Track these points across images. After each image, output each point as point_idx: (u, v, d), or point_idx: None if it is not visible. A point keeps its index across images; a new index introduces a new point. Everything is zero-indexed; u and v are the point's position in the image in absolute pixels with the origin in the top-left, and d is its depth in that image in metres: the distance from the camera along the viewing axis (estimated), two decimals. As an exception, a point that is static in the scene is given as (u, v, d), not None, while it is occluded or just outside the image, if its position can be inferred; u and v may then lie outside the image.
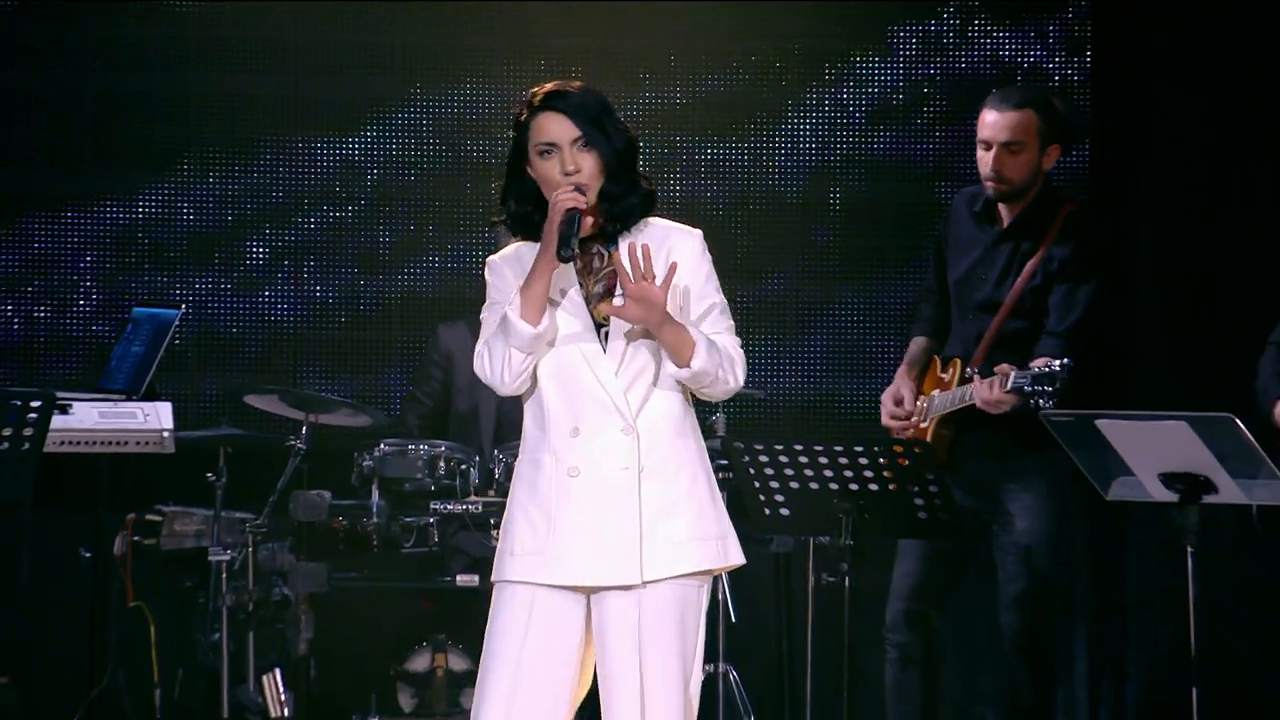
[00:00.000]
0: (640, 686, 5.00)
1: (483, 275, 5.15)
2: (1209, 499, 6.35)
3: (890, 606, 7.11)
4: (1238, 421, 6.24)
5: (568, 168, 5.00)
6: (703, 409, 7.82)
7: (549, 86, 5.08)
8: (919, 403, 7.11)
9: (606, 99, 5.08)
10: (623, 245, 5.03)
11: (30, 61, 8.75)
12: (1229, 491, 6.35)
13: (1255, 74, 8.66)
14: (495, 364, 4.99)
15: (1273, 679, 7.75)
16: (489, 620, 5.03)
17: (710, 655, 7.71)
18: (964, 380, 6.98)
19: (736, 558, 5.08)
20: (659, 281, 4.96)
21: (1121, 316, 7.20)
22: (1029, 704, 7.13)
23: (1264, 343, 6.94)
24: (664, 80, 8.91)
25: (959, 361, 7.06)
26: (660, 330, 4.97)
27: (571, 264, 5.01)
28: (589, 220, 4.99)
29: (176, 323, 7.81)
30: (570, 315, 5.03)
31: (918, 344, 7.26)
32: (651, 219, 5.11)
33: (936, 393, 7.08)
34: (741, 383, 5.13)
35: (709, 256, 5.15)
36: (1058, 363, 6.73)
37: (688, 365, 4.98)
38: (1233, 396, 6.76)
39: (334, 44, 8.81)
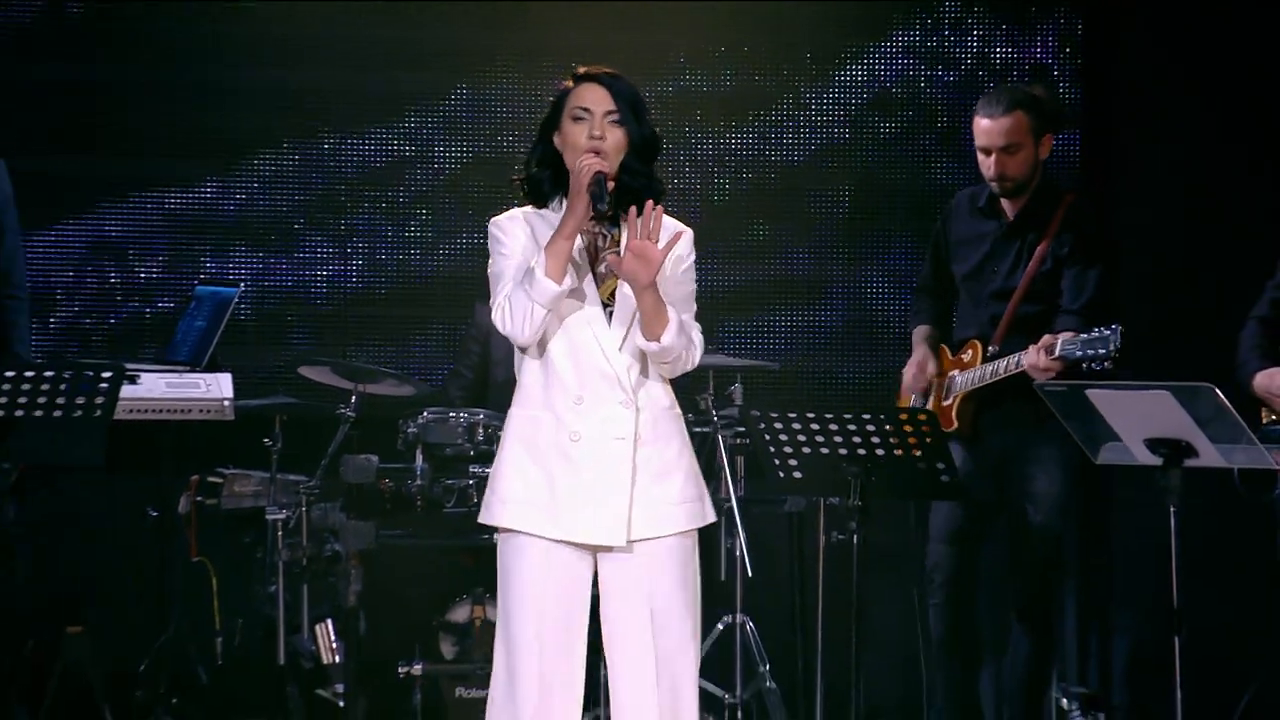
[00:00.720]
0: (651, 632, 5.02)
1: None
2: (1190, 463, 6.29)
3: (931, 549, 7.15)
4: (1217, 391, 6.20)
5: (594, 133, 5.02)
6: (723, 380, 7.89)
7: (594, 67, 5.12)
8: (939, 382, 7.13)
9: (642, 96, 5.12)
10: (626, 228, 5.02)
11: (104, 54, 8.72)
12: (1209, 456, 6.30)
13: (1238, 65, 8.65)
14: (517, 317, 4.97)
15: (1249, 629, 7.73)
16: (504, 570, 5.06)
17: (728, 607, 7.75)
18: (986, 359, 6.99)
19: (711, 516, 5.14)
20: (660, 246, 4.98)
21: (1110, 292, 7.19)
22: (1026, 654, 7.14)
23: (1245, 317, 6.91)
24: (685, 73, 8.88)
25: (979, 344, 7.05)
26: (644, 294, 4.97)
27: (583, 249, 5.02)
28: (610, 182, 5.00)
29: (236, 300, 7.86)
30: (581, 295, 5.03)
31: (923, 330, 7.26)
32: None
33: (956, 372, 7.09)
34: (697, 362, 5.15)
35: (694, 253, 5.17)
36: (1108, 329, 6.73)
37: (657, 340, 5.00)
38: (1215, 367, 6.72)
39: (383, 40, 8.77)
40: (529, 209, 5.12)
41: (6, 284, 7.27)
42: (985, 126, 7.01)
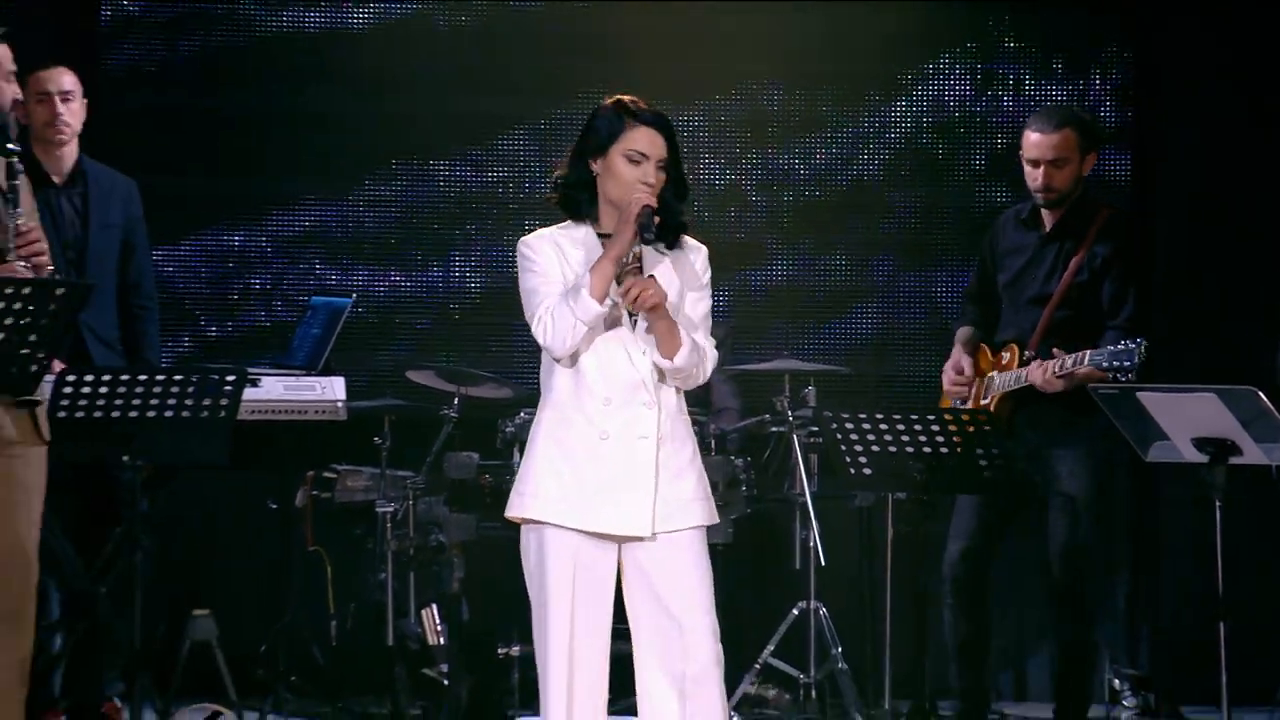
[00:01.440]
0: (676, 616, 5.00)
1: None
2: (1235, 460, 6.26)
3: (948, 549, 7.03)
4: (1260, 394, 6.18)
5: (649, 180, 5.01)
6: (798, 383, 7.88)
7: (648, 106, 5.07)
8: (979, 381, 7.08)
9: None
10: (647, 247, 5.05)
11: (227, 86, 8.79)
12: (1252, 454, 6.29)
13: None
14: (560, 331, 4.97)
15: None
16: (534, 561, 5.04)
17: (803, 594, 7.68)
18: (1023, 363, 6.93)
19: (716, 517, 5.14)
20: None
21: (1156, 302, 7.15)
22: (1068, 640, 7.07)
23: None
24: (760, 96, 8.84)
25: (1016, 347, 7.00)
26: (655, 320, 4.99)
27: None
28: (656, 219, 4.99)
29: (348, 309, 7.81)
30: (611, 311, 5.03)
31: (965, 332, 7.22)
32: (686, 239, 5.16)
33: (995, 374, 7.03)
34: (708, 376, 5.16)
35: (710, 269, 5.17)
36: (1133, 342, 6.66)
37: (671, 359, 5.01)
38: (1256, 371, 6.67)
39: (477, 69, 8.77)
40: (554, 229, 5.12)
41: (137, 295, 7.31)
42: (1036, 140, 6.97)
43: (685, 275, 5.13)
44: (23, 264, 5.88)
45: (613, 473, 5.00)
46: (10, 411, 5.80)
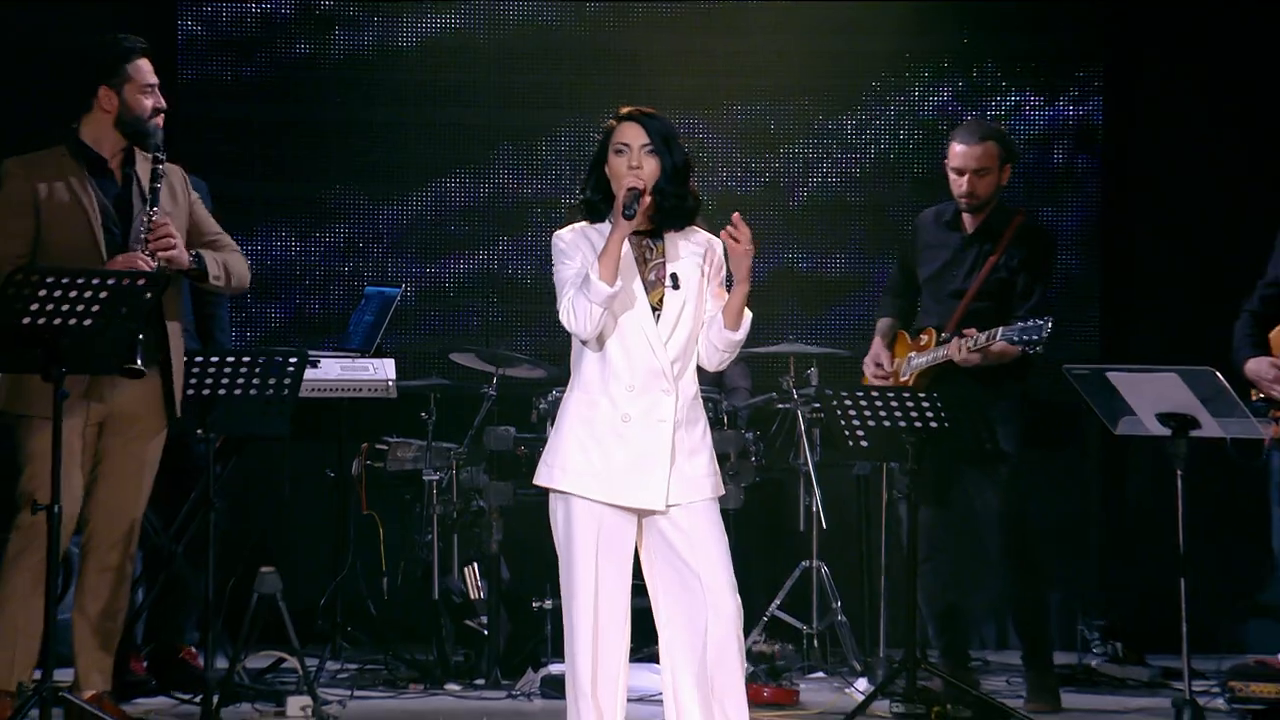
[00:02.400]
0: (699, 574, 4.98)
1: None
2: (1195, 433, 6.29)
3: (921, 514, 6.84)
4: (1218, 374, 6.19)
5: (633, 164, 4.98)
6: (802, 364, 7.89)
7: (634, 107, 5.07)
8: (898, 363, 7.07)
9: (674, 126, 5.07)
10: (669, 242, 5.03)
11: (292, 99, 8.81)
12: (1210, 427, 6.28)
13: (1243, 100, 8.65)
14: (580, 315, 4.95)
15: (1242, 570, 7.69)
16: (562, 527, 5.03)
17: (806, 554, 7.68)
18: (941, 343, 6.93)
19: (723, 489, 5.11)
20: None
21: (1049, 296, 7.14)
22: (1017, 595, 7.06)
23: (1240, 310, 6.83)
24: (761, 110, 8.87)
25: (934, 330, 6.99)
26: (742, 286, 4.98)
27: (634, 260, 4.99)
28: (646, 199, 4.96)
29: (398, 298, 7.84)
30: (632, 299, 5.01)
31: (886, 323, 7.20)
32: (695, 225, 5.10)
33: (914, 354, 7.03)
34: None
35: (725, 265, 5.13)
36: (1040, 319, 6.64)
37: (737, 329, 5.01)
38: (1217, 353, 6.66)
39: (517, 85, 8.79)
40: (585, 224, 5.09)
41: None
42: (960, 151, 6.96)
43: (705, 262, 5.10)
44: (146, 256, 5.95)
45: (634, 453, 4.99)
46: (138, 390, 5.91)
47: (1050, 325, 6.63)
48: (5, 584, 6.07)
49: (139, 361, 5.87)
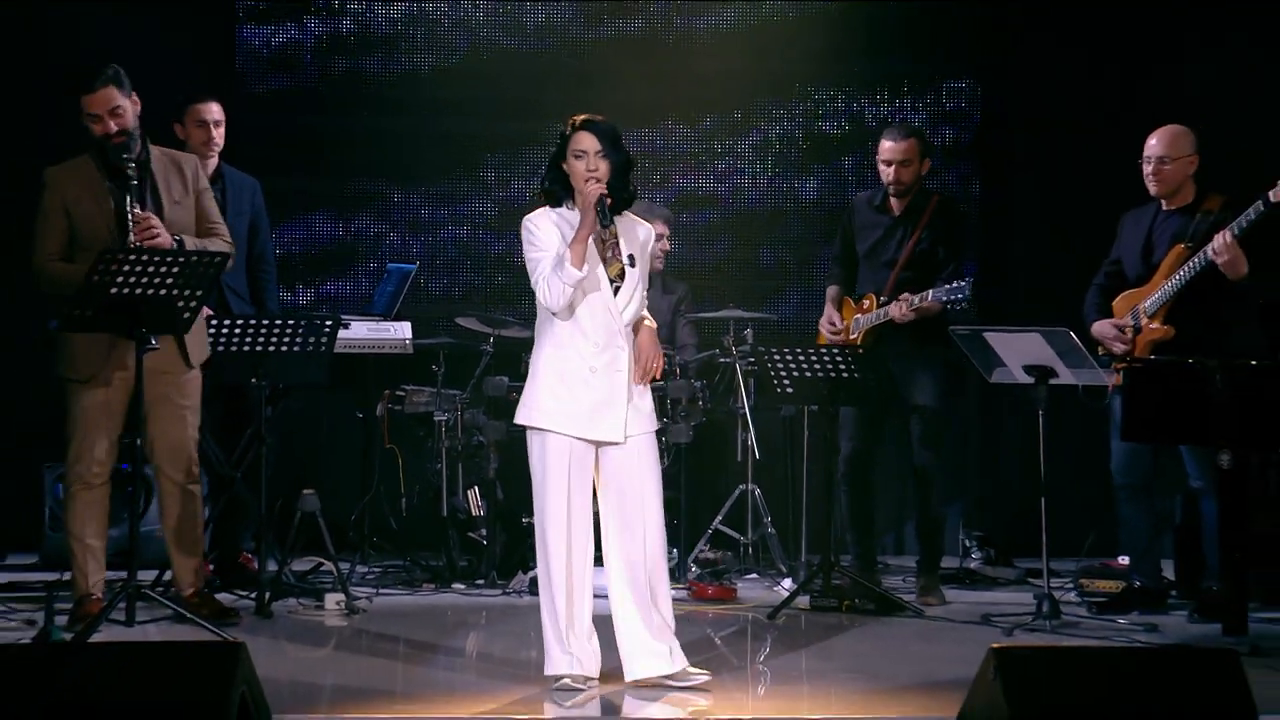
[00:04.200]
0: (644, 498, 5.04)
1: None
2: (1054, 381, 6.34)
3: (841, 448, 7.01)
4: (1071, 333, 6.25)
5: (591, 168, 5.00)
6: (740, 326, 7.77)
7: (586, 116, 5.05)
8: (847, 324, 7.05)
9: (618, 129, 5.06)
10: (619, 225, 5.06)
11: (329, 109, 8.73)
12: (1066, 376, 6.34)
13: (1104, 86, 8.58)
14: (554, 293, 4.97)
15: (1090, 490, 7.59)
16: (538, 457, 5.02)
17: (742, 479, 7.68)
18: (881, 306, 6.94)
19: (657, 424, 5.15)
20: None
21: (964, 264, 7.19)
22: (928, 512, 7.07)
23: (1090, 283, 6.82)
24: (698, 122, 8.77)
25: (874, 296, 6.98)
26: (649, 339, 5.11)
27: (595, 242, 5.01)
28: (608, 200, 5.01)
29: (414, 272, 7.81)
30: (596, 276, 5.05)
31: (834, 290, 7.18)
32: (627, 211, 5.15)
33: (859, 316, 7.03)
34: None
35: (651, 244, 5.20)
36: (963, 281, 6.66)
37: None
38: (1072, 317, 6.67)
39: (509, 100, 8.71)
40: (547, 209, 5.10)
41: (261, 262, 7.24)
42: (889, 146, 6.95)
43: (642, 244, 5.16)
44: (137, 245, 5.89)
45: (598, 397, 5.02)
46: (163, 345, 5.90)
47: (969, 286, 6.63)
48: (68, 514, 6.12)
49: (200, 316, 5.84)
